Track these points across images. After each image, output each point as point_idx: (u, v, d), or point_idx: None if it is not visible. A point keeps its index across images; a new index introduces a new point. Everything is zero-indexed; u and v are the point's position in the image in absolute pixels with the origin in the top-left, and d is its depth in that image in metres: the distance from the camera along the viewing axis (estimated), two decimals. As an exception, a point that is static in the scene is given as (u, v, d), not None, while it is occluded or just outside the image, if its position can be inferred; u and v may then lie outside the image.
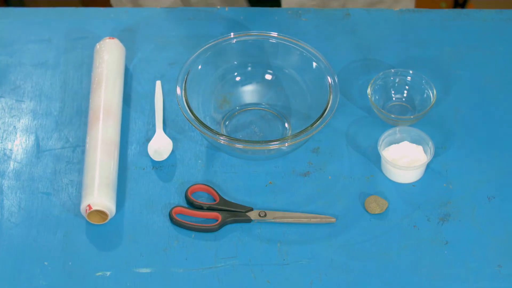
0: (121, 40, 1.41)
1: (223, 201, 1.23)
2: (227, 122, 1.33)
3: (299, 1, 1.55)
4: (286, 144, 1.22)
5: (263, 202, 1.24)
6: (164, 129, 1.31)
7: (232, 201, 1.24)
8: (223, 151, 1.29)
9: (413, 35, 1.45)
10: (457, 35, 1.45)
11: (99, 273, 1.17)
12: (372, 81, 1.33)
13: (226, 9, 1.49)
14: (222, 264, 1.18)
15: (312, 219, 1.22)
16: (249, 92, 1.36)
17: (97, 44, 1.38)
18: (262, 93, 1.36)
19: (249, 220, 1.22)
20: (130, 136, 1.31)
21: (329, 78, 1.28)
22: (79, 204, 1.22)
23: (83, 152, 1.28)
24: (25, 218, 1.22)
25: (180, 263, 1.18)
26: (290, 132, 1.32)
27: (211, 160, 1.29)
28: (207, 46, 1.32)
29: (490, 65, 1.41)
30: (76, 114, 1.34)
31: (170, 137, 1.30)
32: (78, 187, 1.25)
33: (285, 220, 1.22)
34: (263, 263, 1.18)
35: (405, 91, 1.36)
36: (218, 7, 1.50)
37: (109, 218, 1.20)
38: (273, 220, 1.22)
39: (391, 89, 1.36)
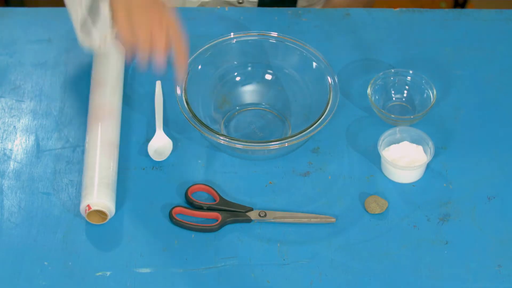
0: (121, 40, 1.41)
1: (223, 201, 1.23)
2: (227, 122, 1.33)
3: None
4: (286, 144, 1.22)
5: (263, 202, 1.24)
6: (164, 129, 1.31)
7: (232, 201, 1.24)
8: (223, 151, 1.29)
9: (413, 35, 1.45)
10: (457, 35, 1.45)
11: (99, 273, 1.17)
12: (372, 81, 1.33)
13: (226, 9, 1.49)
14: (222, 264, 1.18)
15: (312, 219, 1.22)
16: (249, 92, 1.36)
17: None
18: (262, 93, 1.36)
19: (249, 220, 1.22)
20: (130, 136, 1.31)
21: (329, 78, 1.28)
22: (79, 204, 1.22)
23: (83, 152, 1.28)
24: (25, 218, 1.22)
25: (180, 263, 1.18)
26: (290, 132, 1.32)
27: (211, 160, 1.29)
28: (207, 46, 1.32)
29: (490, 65, 1.41)
30: (76, 114, 1.34)
31: (170, 137, 1.30)
32: (78, 187, 1.25)
33: (285, 220, 1.22)
34: (263, 263, 1.18)
35: (405, 91, 1.36)
36: (218, 7, 1.50)
37: (108, 218, 1.20)
38: (273, 220, 1.22)
39: (391, 89, 1.36)
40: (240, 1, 1.56)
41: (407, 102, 1.36)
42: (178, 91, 1.26)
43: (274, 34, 1.33)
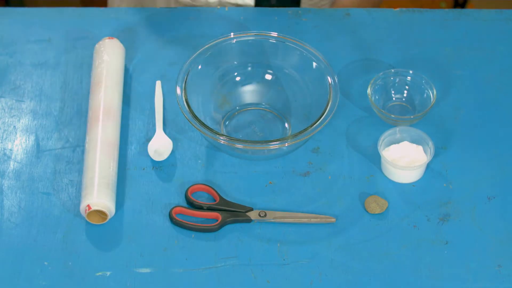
0: (121, 40, 1.41)
1: (223, 201, 1.23)
2: (227, 122, 1.33)
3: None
4: (286, 144, 1.22)
5: (263, 202, 1.24)
6: (164, 129, 1.31)
7: (232, 201, 1.24)
8: (223, 151, 1.29)
9: (413, 35, 1.45)
10: (457, 35, 1.45)
11: (99, 273, 1.17)
12: (372, 81, 1.33)
13: (226, 9, 1.49)
14: (222, 264, 1.18)
15: (312, 219, 1.22)
16: (249, 92, 1.36)
17: (97, 44, 1.38)
18: (262, 93, 1.36)
19: (249, 220, 1.22)
20: (130, 136, 1.31)
21: (329, 78, 1.28)
22: (79, 204, 1.22)
23: (83, 152, 1.28)
24: (25, 218, 1.22)
25: (180, 263, 1.18)
26: (290, 132, 1.32)
27: (211, 160, 1.29)
28: (207, 46, 1.32)
29: (490, 65, 1.41)
30: (76, 114, 1.34)
31: (170, 137, 1.30)
32: (78, 187, 1.25)
33: (285, 220, 1.22)
34: (263, 263, 1.18)
35: (405, 91, 1.36)
36: (218, 7, 1.50)
37: (108, 218, 1.20)
38: (273, 220, 1.22)
39: (391, 89, 1.36)
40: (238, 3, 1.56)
41: (407, 102, 1.36)
42: (178, 91, 1.26)
43: (274, 34, 1.33)
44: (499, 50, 1.43)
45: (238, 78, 1.36)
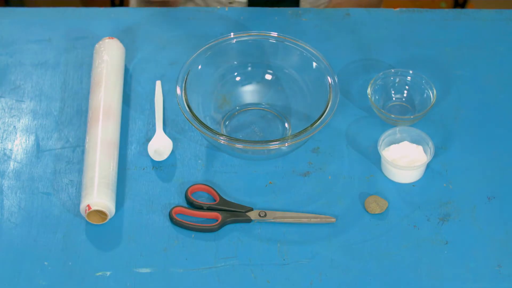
0: (121, 40, 1.41)
1: (223, 201, 1.23)
2: (227, 122, 1.33)
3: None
4: (286, 144, 1.22)
5: (263, 202, 1.24)
6: (164, 129, 1.31)
7: (232, 201, 1.24)
8: (223, 151, 1.29)
9: (413, 35, 1.45)
10: (457, 35, 1.45)
11: (99, 273, 1.17)
12: (372, 81, 1.33)
13: (226, 9, 1.49)
14: (222, 264, 1.18)
15: (312, 219, 1.22)
16: (249, 92, 1.36)
17: (97, 44, 1.38)
18: (262, 93, 1.36)
19: (249, 220, 1.22)
20: (130, 136, 1.31)
21: (329, 78, 1.28)
22: (79, 204, 1.22)
23: (83, 152, 1.28)
24: (25, 218, 1.22)
25: (180, 263, 1.18)
26: (290, 132, 1.32)
27: (211, 160, 1.29)
28: (207, 46, 1.32)
29: (490, 65, 1.41)
30: (76, 114, 1.34)
31: (170, 137, 1.30)
32: (78, 187, 1.25)
33: (285, 220, 1.22)
34: (263, 263, 1.18)
35: (405, 91, 1.36)
36: (218, 7, 1.50)
37: (108, 218, 1.20)
38: (273, 220, 1.22)
39: (391, 89, 1.36)
40: (230, 1, 1.56)
41: (407, 102, 1.36)
42: (178, 91, 1.26)
43: (274, 34, 1.33)
44: (499, 50, 1.43)
45: (238, 78, 1.36)
